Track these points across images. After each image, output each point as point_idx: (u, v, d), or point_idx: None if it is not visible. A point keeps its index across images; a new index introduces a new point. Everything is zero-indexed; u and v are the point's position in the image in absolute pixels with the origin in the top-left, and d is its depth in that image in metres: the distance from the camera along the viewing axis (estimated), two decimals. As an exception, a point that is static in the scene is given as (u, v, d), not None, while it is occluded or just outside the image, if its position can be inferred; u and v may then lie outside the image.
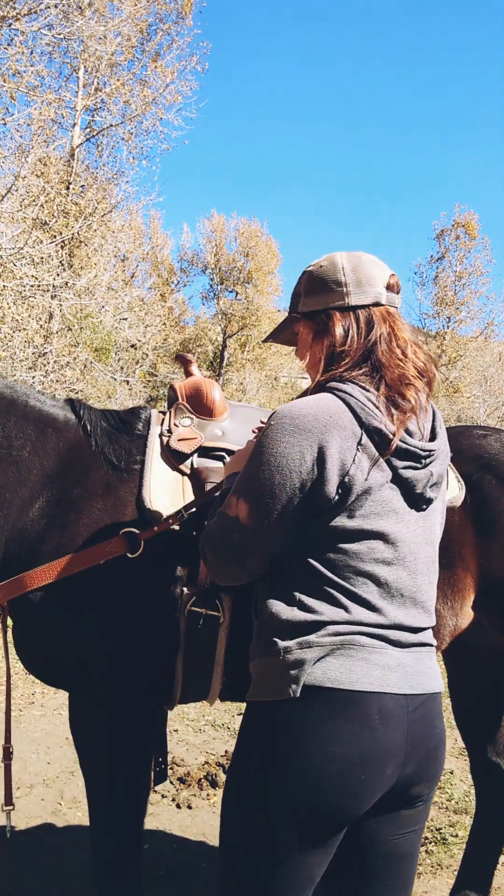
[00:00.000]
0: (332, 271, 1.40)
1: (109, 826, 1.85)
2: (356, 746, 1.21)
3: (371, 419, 1.27)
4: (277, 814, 1.23)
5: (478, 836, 2.39)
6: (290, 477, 1.24)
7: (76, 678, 1.84)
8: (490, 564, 1.96)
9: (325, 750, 1.20)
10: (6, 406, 1.90)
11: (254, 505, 1.27)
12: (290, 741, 1.23)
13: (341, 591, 1.27)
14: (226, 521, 1.31)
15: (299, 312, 1.45)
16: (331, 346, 1.37)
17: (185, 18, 14.66)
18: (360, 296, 1.39)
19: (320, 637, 1.25)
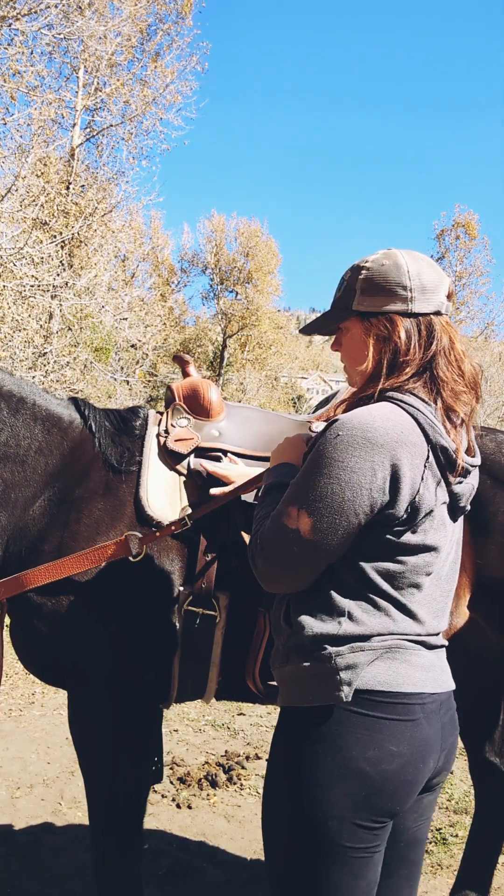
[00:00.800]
0: (395, 273, 1.34)
1: (109, 826, 1.85)
2: (409, 743, 1.26)
3: (438, 437, 1.26)
4: (340, 817, 1.24)
5: (477, 836, 2.40)
6: (359, 494, 1.21)
7: (75, 677, 1.84)
8: (486, 564, 1.96)
9: (383, 749, 1.25)
10: (16, 404, 1.91)
11: (318, 520, 1.22)
12: (347, 743, 1.25)
13: (391, 601, 1.28)
14: (285, 533, 1.25)
15: (354, 311, 1.37)
16: (393, 353, 1.32)
17: (184, 18, 14.66)
18: (424, 303, 1.34)
19: (370, 643, 1.27)
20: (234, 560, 1.83)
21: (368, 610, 1.27)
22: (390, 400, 1.29)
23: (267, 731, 4.20)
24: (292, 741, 1.31)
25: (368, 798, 1.24)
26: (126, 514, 1.84)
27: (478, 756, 2.40)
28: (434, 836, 3.05)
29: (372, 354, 1.34)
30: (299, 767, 1.27)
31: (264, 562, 1.29)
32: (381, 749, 1.24)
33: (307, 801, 1.25)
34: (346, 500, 1.21)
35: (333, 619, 1.27)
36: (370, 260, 1.38)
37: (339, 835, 1.24)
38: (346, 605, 1.27)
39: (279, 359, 29.95)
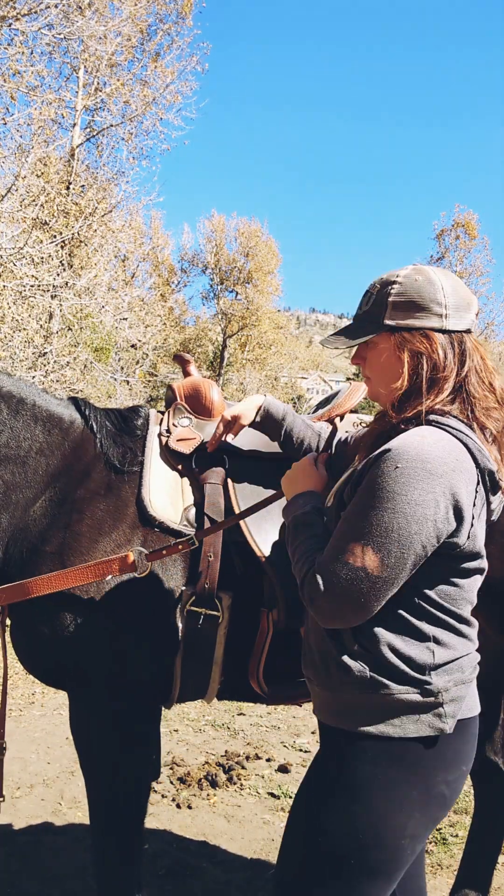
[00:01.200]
0: (430, 289, 1.33)
1: (110, 826, 1.85)
2: (471, 760, 1.36)
3: (486, 461, 1.28)
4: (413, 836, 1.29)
5: (477, 836, 2.39)
6: (425, 526, 1.20)
7: (76, 678, 1.84)
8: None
9: (458, 770, 1.33)
10: (16, 405, 1.90)
11: (386, 556, 1.20)
12: (434, 770, 1.29)
13: (462, 621, 1.33)
14: (351, 573, 1.22)
15: (388, 325, 1.35)
16: (431, 369, 1.31)
17: (185, 19, 14.65)
18: (457, 320, 1.34)
19: (462, 671, 1.33)
20: (237, 560, 1.83)
21: (449, 634, 1.31)
22: (435, 424, 1.28)
23: (267, 731, 4.20)
24: (375, 769, 1.28)
25: (437, 814, 1.32)
26: (128, 514, 1.84)
27: (478, 756, 2.39)
28: (434, 836, 3.05)
29: (407, 370, 1.33)
30: (381, 793, 1.28)
31: (329, 602, 1.24)
32: (457, 771, 1.32)
33: (385, 825, 1.27)
34: (412, 534, 1.20)
35: (422, 645, 1.29)
36: (401, 275, 1.37)
37: (406, 851, 1.30)
38: (429, 630, 1.29)
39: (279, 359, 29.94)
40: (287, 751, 3.92)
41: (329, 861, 1.30)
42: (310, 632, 1.43)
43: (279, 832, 3.01)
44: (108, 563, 1.68)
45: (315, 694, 1.43)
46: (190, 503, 1.87)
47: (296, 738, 4.10)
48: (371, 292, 1.40)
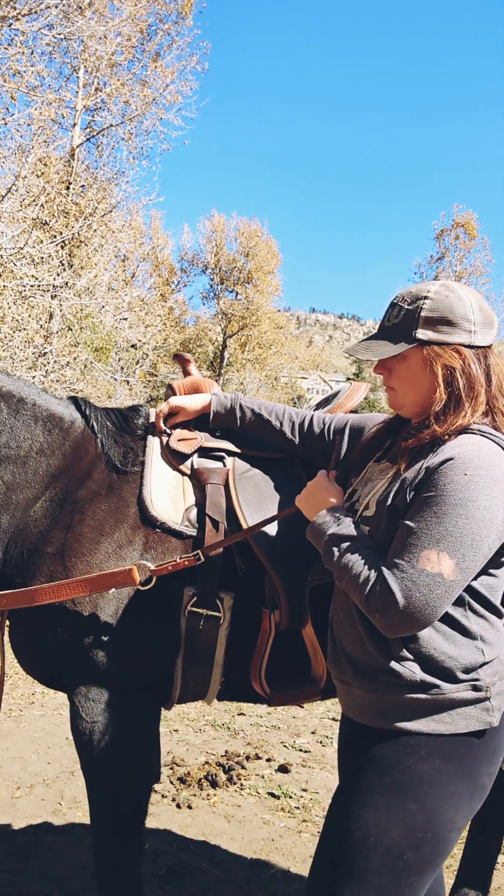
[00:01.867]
0: (459, 305, 1.39)
1: (110, 826, 1.85)
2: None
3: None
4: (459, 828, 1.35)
5: (477, 836, 2.39)
6: (492, 529, 1.28)
7: (77, 679, 1.84)
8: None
9: (496, 763, 1.39)
10: (16, 405, 1.90)
11: (461, 560, 1.26)
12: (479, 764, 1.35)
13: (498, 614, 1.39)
14: (429, 579, 1.25)
15: (419, 339, 1.39)
16: (465, 384, 1.37)
17: (185, 18, 14.64)
18: (484, 336, 1.40)
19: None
20: (238, 561, 1.83)
21: (489, 629, 1.37)
22: (479, 433, 1.35)
23: (267, 731, 4.21)
24: (427, 766, 1.33)
25: (477, 806, 1.38)
26: (130, 514, 1.83)
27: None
28: (434, 837, 3.05)
29: (443, 384, 1.38)
30: (435, 789, 1.32)
31: (407, 611, 1.26)
32: (497, 762, 1.38)
33: (439, 818, 1.32)
34: (483, 537, 1.27)
35: (470, 643, 1.35)
36: (431, 291, 1.41)
37: (450, 844, 1.35)
38: (472, 626, 1.35)
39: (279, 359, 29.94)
40: (287, 751, 3.92)
41: (384, 860, 1.33)
42: (341, 636, 1.46)
43: (279, 832, 3.01)
44: (112, 575, 1.68)
45: (353, 696, 1.45)
46: (191, 503, 1.86)
47: (296, 738, 4.10)
48: (400, 305, 1.43)
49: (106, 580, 1.68)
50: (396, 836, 1.33)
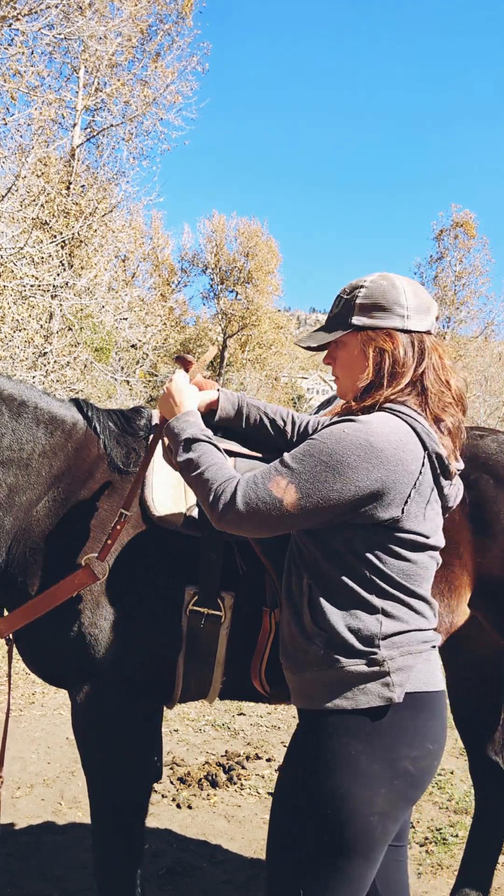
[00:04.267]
0: (393, 292, 1.45)
1: (111, 826, 1.85)
2: (438, 740, 1.39)
3: (434, 444, 1.36)
4: (382, 813, 1.32)
5: (478, 836, 2.39)
6: (349, 487, 1.29)
7: (79, 678, 1.84)
8: (487, 563, 1.96)
9: (423, 748, 1.35)
10: (18, 408, 1.90)
11: (304, 500, 1.30)
12: (395, 744, 1.32)
13: (412, 596, 1.39)
14: (267, 498, 1.32)
15: (354, 325, 1.46)
16: (391, 365, 1.42)
17: (185, 19, 14.63)
18: (418, 321, 1.45)
19: (413, 643, 1.38)
20: (240, 560, 1.83)
21: (399, 607, 1.37)
22: (389, 411, 1.38)
23: (267, 731, 4.21)
24: (336, 743, 1.34)
25: (408, 793, 1.34)
26: (132, 514, 1.84)
27: (479, 755, 2.40)
28: (434, 836, 3.05)
29: (372, 365, 1.43)
30: (345, 769, 1.31)
31: (237, 513, 1.34)
32: (422, 748, 1.34)
33: (352, 801, 1.30)
34: (335, 491, 1.29)
35: (371, 617, 1.35)
36: (368, 280, 1.48)
37: (376, 830, 1.31)
38: (378, 603, 1.36)
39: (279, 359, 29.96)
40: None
41: (305, 840, 1.35)
42: (282, 622, 1.51)
43: (279, 832, 3.01)
44: (71, 580, 1.71)
45: (288, 680, 1.50)
46: (193, 503, 1.87)
47: (296, 739, 4.10)
48: (341, 296, 1.51)
49: (67, 587, 1.71)
50: (312, 816, 1.34)
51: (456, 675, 2.46)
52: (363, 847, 1.31)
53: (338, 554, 1.37)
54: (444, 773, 3.71)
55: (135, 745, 1.84)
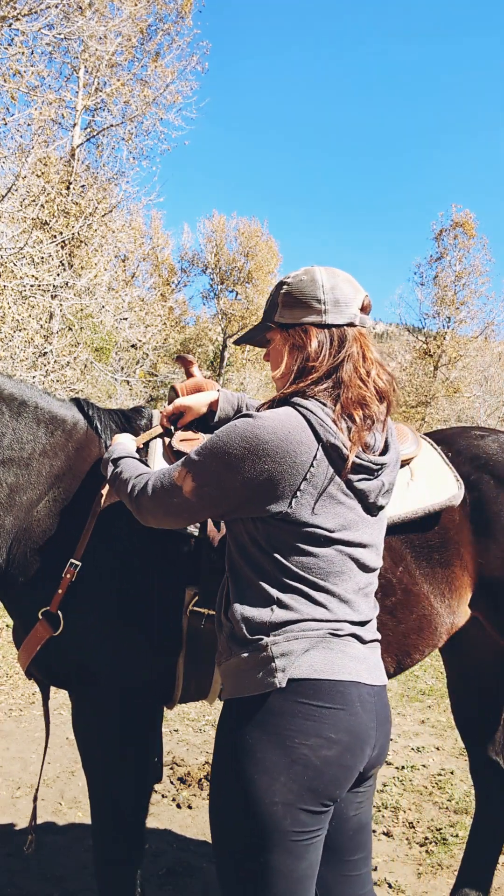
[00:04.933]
0: (311, 288, 1.46)
1: (111, 825, 1.85)
2: (346, 731, 1.33)
3: (328, 436, 1.35)
4: (285, 802, 1.29)
5: (478, 836, 2.40)
6: (237, 477, 1.34)
7: (80, 679, 1.84)
8: (488, 563, 1.96)
9: (322, 736, 1.31)
10: (18, 407, 1.90)
11: (199, 487, 1.39)
12: (290, 732, 1.31)
13: (315, 588, 1.37)
14: (170, 485, 1.43)
15: (276, 323, 1.50)
16: (304, 360, 1.43)
17: (184, 18, 14.63)
18: (337, 315, 1.45)
19: (303, 631, 1.35)
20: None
21: (296, 598, 1.36)
22: (293, 404, 1.39)
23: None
24: (237, 732, 1.36)
25: (311, 783, 1.30)
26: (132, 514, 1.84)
27: (479, 755, 2.40)
28: (434, 836, 3.06)
29: (286, 362, 1.47)
30: (245, 757, 1.32)
31: (148, 499, 1.47)
32: (321, 736, 1.31)
33: (254, 789, 1.30)
34: (224, 480, 1.35)
35: (266, 607, 1.37)
36: (292, 276, 1.50)
37: (284, 820, 1.29)
38: (275, 594, 1.37)
39: (279, 359, 29.92)
40: (287, 751, 3.91)
41: (224, 833, 1.37)
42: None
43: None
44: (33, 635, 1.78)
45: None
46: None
47: (296, 739, 4.10)
48: (271, 293, 1.54)
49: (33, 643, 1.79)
50: (222, 806, 1.36)
51: (456, 676, 2.46)
52: (276, 838, 1.29)
53: (245, 548, 1.40)
54: (444, 773, 3.71)
55: (135, 745, 1.84)
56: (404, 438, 2.05)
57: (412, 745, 4.12)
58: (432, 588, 1.93)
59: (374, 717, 1.38)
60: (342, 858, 1.48)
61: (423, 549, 1.94)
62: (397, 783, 3.58)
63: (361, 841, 1.50)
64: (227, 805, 1.36)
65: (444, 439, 2.18)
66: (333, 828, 1.43)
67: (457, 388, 25.30)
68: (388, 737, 1.46)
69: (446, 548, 1.95)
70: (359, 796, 1.46)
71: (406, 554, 1.93)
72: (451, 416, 24.55)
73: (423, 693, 5.07)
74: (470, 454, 2.08)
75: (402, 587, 1.91)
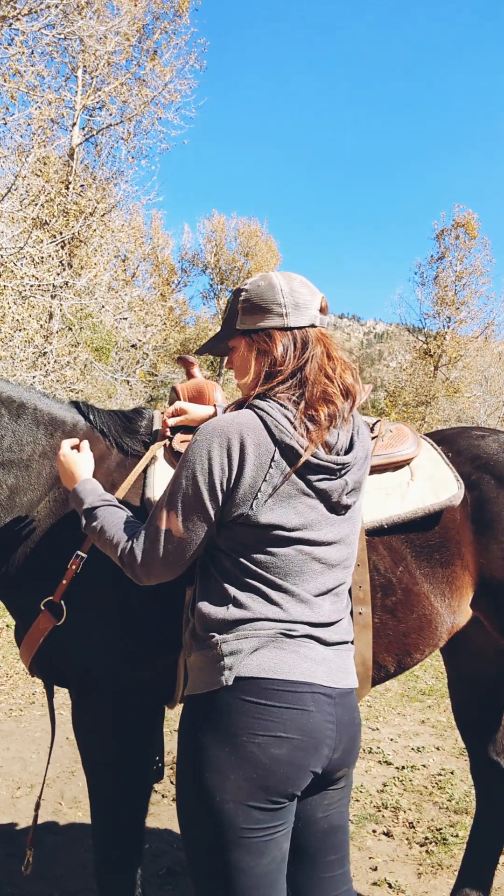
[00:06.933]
0: (270, 293, 1.47)
1: (111, 825, 1.85)
2: (298, 730, 1.33)
3: (283, 436, 1.35)
4: (236, 800, 1.31)
5: (478, 836, 2.39)
6: (215, 490, 1.34)
7: (80, 679, 1.84)
8: (489, 564, 1.96)
9: (271, 734, 1.32)
10: (16, 409, 1.91)
11: (185, 516, 1.36)
12: (238, 729, 1.32)
13: (273, 588, 1.37)
14: (157, 535, 1.39)
15: (238, 330, 1.51)
16: (271, 364, 1.44)
17: (181, 17, 14.61)
18: (298, 317, 1.46)
19: (254, 630, 1.36)
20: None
21: (253, 597, 1.37)
22: (250, 407, 1.40)
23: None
24: (191, 729, 1.38)
25: (261, 781, 1.31)
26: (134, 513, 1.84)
27: (479, 756, 2.40)
28: (434, 836, 3.05)
29: (254, 368, 1.47)
30: (197, 754, 1.34)
31: (145, 567, 1.41)
32: (270, 734, 1.31)
33: (206, 786, 1.32)
34: (199, 495, 1.35)
35: (222, 605, 1.38)
36: (249, 283, 1.52)
37: (237, 817, 1.30)
38: (233, 592, 1.38)
39: (279, 359, 29.93)
40: (287, 751, 3.91)
41: (186, 830, 1.39)
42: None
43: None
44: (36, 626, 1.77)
45: None
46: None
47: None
48: (229, 301, 1.55)
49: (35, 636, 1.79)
50: (188, 805, 1.37)
51: (457, 676, 2.46)
52: (231, 836, 1.30)
53: (210, 548, 1.42)
54: (444, 773, 3.71)
55: (135, 745, 1.84)
56: (404, 439, 2.05)
57: (412, 745, 4.12)
58: (433, 588, 1.93)
59: (332, 720, 1.37)
60: (313, 859, 1.47)
61: (424, 549, 1.94)
62: (397, 783, 3.58)
63: (334, 843, 1.49)
64: (185, 803, 1.38)
65: (445, 439, 2.17)
66: (299, 829, 1.43)
67: (457, 388, 25.29)
68: (355, 741, 1.44)
69: (447, 548, 1.95)
70: (327, 798, 1.45)
71: (406, 554, 1.93)
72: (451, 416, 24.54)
73: (423, 693, 5.07)
74: (470, 454, 2.08)
75: (403, 587, 1.91)
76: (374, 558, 1.90)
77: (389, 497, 1.94)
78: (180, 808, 1.41)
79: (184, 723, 1.42)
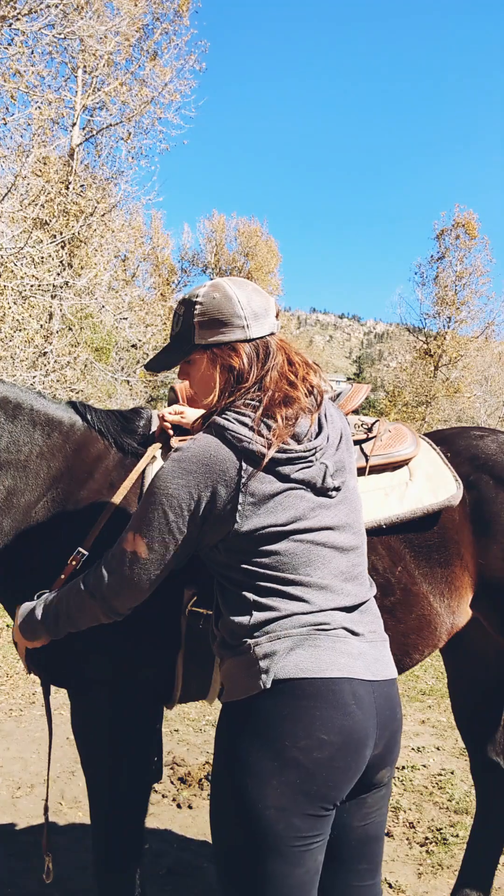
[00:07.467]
0: (228, 305, 1.44)
1: (111, 825, 1.85)
2: (339, 731, 1.29)
3: (244, 444, 1.35)
4: (278, 807, 1.27)
5: (478, 836, 2.39)
6: (182, 514, 1.35)
7: (79, 679, 1.84)
8: (488, 564, 1.96)
9: (313, 737, 1.28)
10: (13, 410, 1.90)
11: (151, 542, 1.38)
12: (278, 734, 1.29)
13: (287, 584, 1.36)
14: (124, 558, 1.40)
15: (199, 344, 1.46)
16: (237, 377, 1.43)
17: (182, 17, 14.62)
18: (258, 328, 1.45)
19: (285, 629, 1.34)
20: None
21: (272, 598, 1.36)
22: (209, 427, 1.40)
23: (267, 731, 4.20)
24: (230, 736, 1.35)
25: (303, 787, 1.27)
26: (131, 513, 1.84)
27: (480, 756, 2.40)
28: (434, 836, 3.06)
29: (219, 383, 1.45)
30: (236, 762, 1.32)
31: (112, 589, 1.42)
32: (311, 738, 1.28)
33: (246, 794, 1.29)
34: (170, 522, 1.36)
35: (246, 612, 1.37)
36: (200, 294, 1.47)
37: (277, 825, 1.27)
38: (251, 597, 1.37)
39: (279, 359, 29.97)
40: (287, 751, 3.91)
41: (221, 838, 1.37)
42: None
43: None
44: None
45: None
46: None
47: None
48: (178, 314, 1.51)
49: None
50: (224, 815, 1.35)
51: (457, 676, 2.46)
52: (270, 844, 1.28)
53: (217, 566, 1.43)
54: (444, 773, 3.71)
55: (135, 745, 1.84)
56: (403, 439, 2.05)
57: (412, 745, 4.12)
58: (432, 588, 1.93)
59: (373, 716, 1.33)
60: (345, 867, 1.44)
61: (423, 549, 1.94)
62: (397, 783, 3.58)
63: (367, 852, 1.46)
64: (222, 811, 1.36)
65: (444, 439, 2.18)
66: (335, 836, 1.40)
67: (457, 388, 25.30)
68: (397, 736, 1.41)
69: (446, 548, 1.95)
70: (365, 805, 1.41)
71: (405, 553, 1.93)
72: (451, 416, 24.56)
73: (423, 693, 5.07)
74: (469, 454, 2.08)
75: (402, 587, 1.91)
76: (373, 558, 1.90)
77: (388, 497, 1.94)
78: (215, 815, 1.38)
79: (220, 730, 1.40)
